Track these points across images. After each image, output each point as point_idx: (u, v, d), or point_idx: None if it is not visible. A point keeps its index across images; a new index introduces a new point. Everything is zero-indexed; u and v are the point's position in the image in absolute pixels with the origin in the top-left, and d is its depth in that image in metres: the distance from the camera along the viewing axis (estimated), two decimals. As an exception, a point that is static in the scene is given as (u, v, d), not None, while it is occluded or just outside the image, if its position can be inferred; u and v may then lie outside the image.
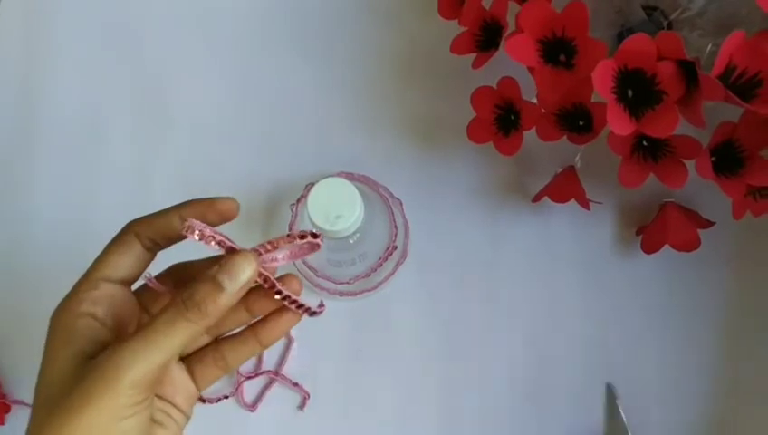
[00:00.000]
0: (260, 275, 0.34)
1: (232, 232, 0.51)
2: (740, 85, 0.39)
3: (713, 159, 0.43)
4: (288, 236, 0.34)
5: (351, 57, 0.55)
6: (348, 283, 0.49)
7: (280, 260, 0.35)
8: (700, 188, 0.46)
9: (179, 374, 0.37)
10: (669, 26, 0.48)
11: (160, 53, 0.56)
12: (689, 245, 0.49)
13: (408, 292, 0.52)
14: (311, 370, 0.51)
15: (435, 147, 0.54)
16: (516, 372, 0.51)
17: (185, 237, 0.33)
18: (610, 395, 0.49)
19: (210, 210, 0.35)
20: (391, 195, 0.51)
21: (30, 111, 0.56)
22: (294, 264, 0.50)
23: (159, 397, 0.36)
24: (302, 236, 0.34)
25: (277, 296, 0.35)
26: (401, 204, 0.51)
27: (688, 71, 0.39)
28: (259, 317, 0.37)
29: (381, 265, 0.49)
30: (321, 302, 0.37)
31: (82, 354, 0.32)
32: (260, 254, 0.34)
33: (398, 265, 0.51)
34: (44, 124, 0.55)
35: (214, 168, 0.54)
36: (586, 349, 0.51)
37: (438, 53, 0.50)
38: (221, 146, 0.55)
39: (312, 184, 0.44)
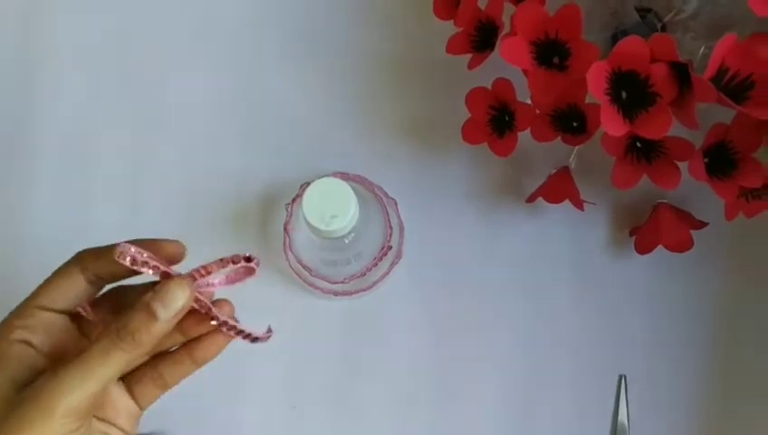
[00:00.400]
0: (196, 300, 0.33)
1: (227, 233, 0.51)
2: (732, 87, 0.39)
3: (706, 160, 0.44)
4: (221, 260, 0.34)
5: (347, 57, 0.55)
6: (343, 282, 0.49)
7: (216, 285, 0.35)
8: (693, 189, 0.46)
9: (120, 395, 0.36)
10: (663, 28, 0.48)
11: (154, 57, 0.56)
12: (682, 245, 0.49)
13: (403, 292, 0.52)
14: (304, 369, 0.52)
15: (430, 147, 0.54)
16: (510, 371, 0.51)
17: (132, 274, 0.33)
18: (621, 386, 0.50)
19: (155, 250, 0.33)
20: (386, 195, 0.51)
21: (25, 115, 0.56)
22: (290, 264, 0.50)
23: (101, 419, 0.35)
24: (235, 261, 0.34)
25: (213, 322, 0.35)
26: (396, 204, 0.51)
27: (681, 73, 0.39)
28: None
29: (377, 264, 0.49)
30: (269, 328, 0.36)
31: (15, 381, 0.32)
32: (195, 279, 0.33)
33: (392, 264, 0.51)
34: (40, 129, 0.55)
35: (210, 168, 0.54)
36: (579, 348, 0.51)
37: (434, 54, 0.50)
38: (217, 146, 0.55)
39: (308, 184, 0.44)
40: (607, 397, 0.51)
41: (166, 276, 0.33)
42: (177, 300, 0.32)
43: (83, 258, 0.34)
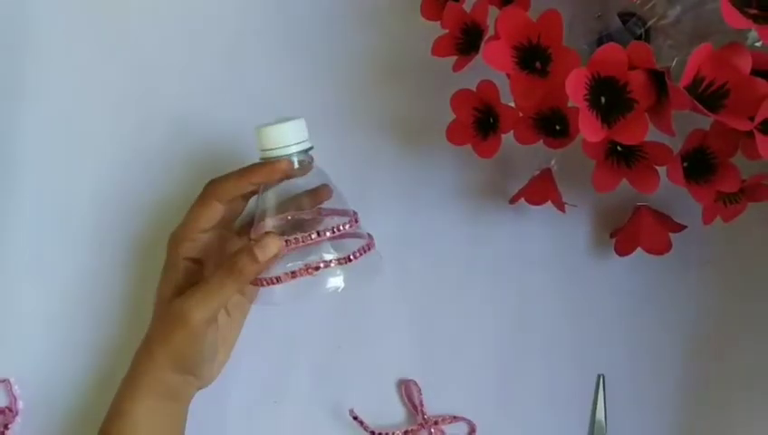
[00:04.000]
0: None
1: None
2: (708, 96, 0.40)
3: (684, 165, 0.44)
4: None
5: (333, 56, 0.56)
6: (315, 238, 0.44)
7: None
8: (673, 193, 0.47)
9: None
10: (646, 34, 0.48)
11: (145, 54, 0.56)
12: (661, 248, 0.50)
13: (387, 292, 0.53)
14: (284, 364, 0.52)
15: (414, 148, 0.54)
16: (491, 369, 0.52)
17: (255, 193, 0.46)
18: (599, 385, 0.51)
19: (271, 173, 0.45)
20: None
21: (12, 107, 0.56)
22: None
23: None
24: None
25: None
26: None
27: (659, 80, 0.40)
28: None
29: (352, 227, 0.45)
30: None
31: (177, 287, 0.46)
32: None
33: (367, 247, 0.46)
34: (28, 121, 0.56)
35: (195, 163, 0.55)
36: (560, 348, 0.52)
37: (420, 55, 0.50)
38: (202, 144, 0.55)
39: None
40: (585, 396, 0.52)
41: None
42: (271, 249, 0.42)
43: (215, 191, 0.46)
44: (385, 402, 0.52)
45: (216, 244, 0.48)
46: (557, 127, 0.46)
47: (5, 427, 0.51)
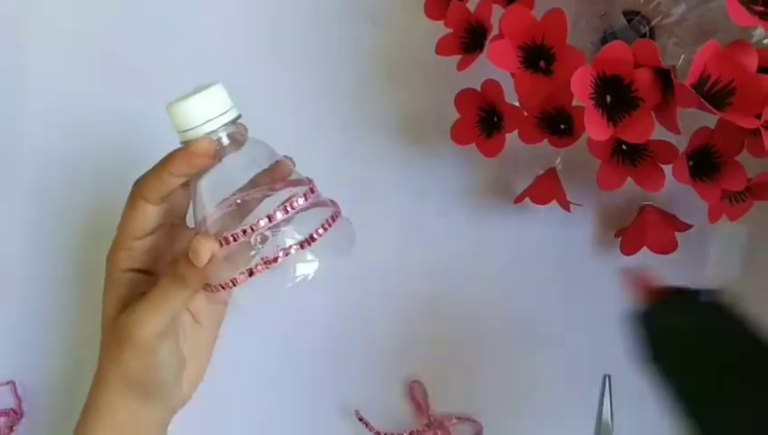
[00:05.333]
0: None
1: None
2: (714, 94, 0.40)
3: (690, 163, 0.44)
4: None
5: (337, 56, 0.56)
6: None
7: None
8: (679, 191, 0.47)
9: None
10: (651, 32, 0.48)
11: (142, 57, 0.56)
12: (667, 247, 0.50)
13: (389, 290, 0.53)
14: (288, 365, 0.52)
15: (419, 147, 0.54)
16: (496, 370, 0.52)
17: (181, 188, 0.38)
18: (605, 386, 0.51)
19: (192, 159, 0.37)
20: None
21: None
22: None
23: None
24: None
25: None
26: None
27: (664, 78, 0.40)
28: None
29: (308, 199, 0.38)
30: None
31: (122, 301, 0.40)
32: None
33: (332, 218, 0.38)
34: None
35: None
36: (566, 348, 0.52)
37: (425, 54, 0.50)
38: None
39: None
40: (591, 396, 0.51)
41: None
42: (204, 252, 0.36)
43: (140, 191, 0.39)
44: (391, 403, 0.52)
45: (166, 245, 0.42)
46: (562, 126, 0.46)
47: (11, 429, 0.51)
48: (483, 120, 0.49)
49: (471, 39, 0.48)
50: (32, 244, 0.54)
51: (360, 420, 0.51)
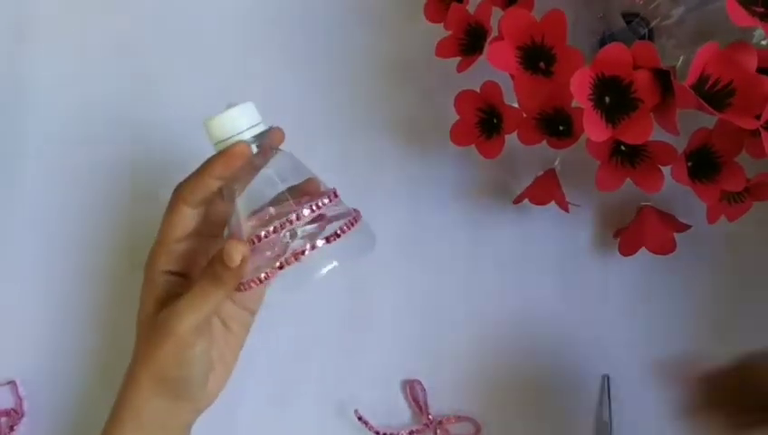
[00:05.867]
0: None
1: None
2: (714, 94, 0.40)
3: (689, 164, 0.44)
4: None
5: (337, 58, 0.56)
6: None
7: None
8: (677, 192, 0.47)
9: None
10: (650, 34, 0.48)
11: (144, 57, 0.56)
12: (665, 248, 0.50)
13: (389, 291, 0.53)
14: (289, 365, 0.52)
15: (418, 148, 0.55)
16: (495, 369, 0.52)
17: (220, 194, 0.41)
18: (604, 386, 0.51)
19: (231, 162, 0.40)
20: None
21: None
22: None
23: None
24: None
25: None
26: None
27: (663, 79, 0.40)
28: None
29: (332, 202, 0.41)
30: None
31: (159, 301, 0.42)
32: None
33: (354, 220, 0.42)
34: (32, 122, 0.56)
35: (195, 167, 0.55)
36: (564, 348, 0.52)
37: (424, 56, 0.51)
38: (202, 148, 0.55)
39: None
40: (590, 396, 0.52)
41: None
42: (236, 254, 0.39)
43: (181, 194, 0.42)
44: (390, 403, 0.52)
45: (202, 252, 0.44)
46: (561, 127, 0.46)
47: (11, 428, 0.51)
48: (482, 122, 0.49)
49: (470, 41, 0.48)
50: (33, 245, 0.54)
51: (360, 419, 0.51)
